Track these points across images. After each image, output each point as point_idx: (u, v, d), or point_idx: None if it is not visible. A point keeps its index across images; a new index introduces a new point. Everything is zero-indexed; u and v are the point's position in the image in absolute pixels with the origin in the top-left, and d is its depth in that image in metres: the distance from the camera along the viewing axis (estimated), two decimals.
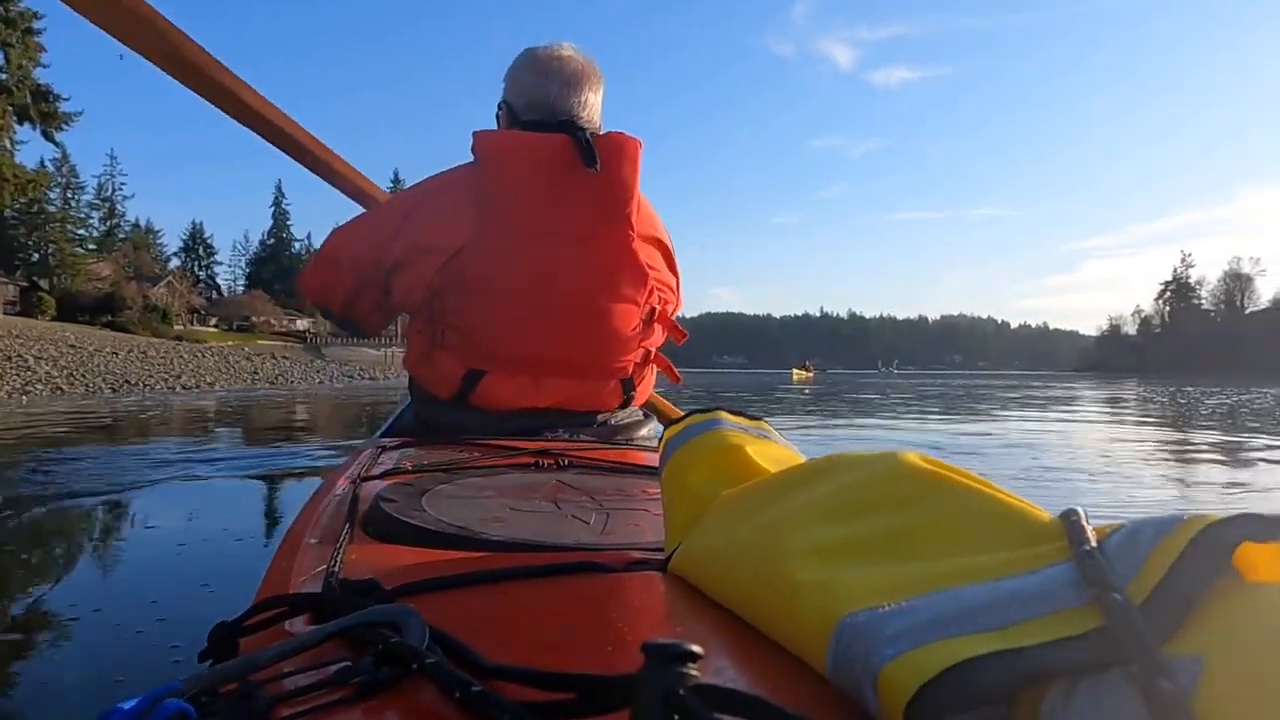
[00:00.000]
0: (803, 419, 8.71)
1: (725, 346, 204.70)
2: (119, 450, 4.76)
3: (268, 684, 0.34)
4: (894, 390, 17.90)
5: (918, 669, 0.28)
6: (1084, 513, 0.34)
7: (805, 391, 17.44)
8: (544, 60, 1.40)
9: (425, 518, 0.69)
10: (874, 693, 0.30)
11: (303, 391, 15.44)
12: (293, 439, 5.78)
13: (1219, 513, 0.29)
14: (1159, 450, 5.75)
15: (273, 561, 0.68)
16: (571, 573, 0.53)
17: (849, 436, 6.65)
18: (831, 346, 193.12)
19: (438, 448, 1.19)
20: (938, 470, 0.40)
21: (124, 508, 2.64)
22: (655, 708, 0.26)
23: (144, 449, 4.75)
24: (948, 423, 8.55)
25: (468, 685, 0.32)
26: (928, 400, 13.77)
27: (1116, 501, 3.20)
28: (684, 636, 0.41)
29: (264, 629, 0.45)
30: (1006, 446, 5.80)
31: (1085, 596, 0.29)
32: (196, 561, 2.05)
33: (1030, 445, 5.83)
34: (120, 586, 1.92)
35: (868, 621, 0.32)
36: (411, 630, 0.37)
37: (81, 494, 2.92)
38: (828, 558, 0.37)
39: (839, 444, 5.46)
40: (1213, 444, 6.22)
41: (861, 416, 9.26)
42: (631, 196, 1.33)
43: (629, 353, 1.43)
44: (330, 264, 1.46)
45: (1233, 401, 13.69)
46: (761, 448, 0.58)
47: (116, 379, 12.05)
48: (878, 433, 7.15)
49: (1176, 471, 4.56)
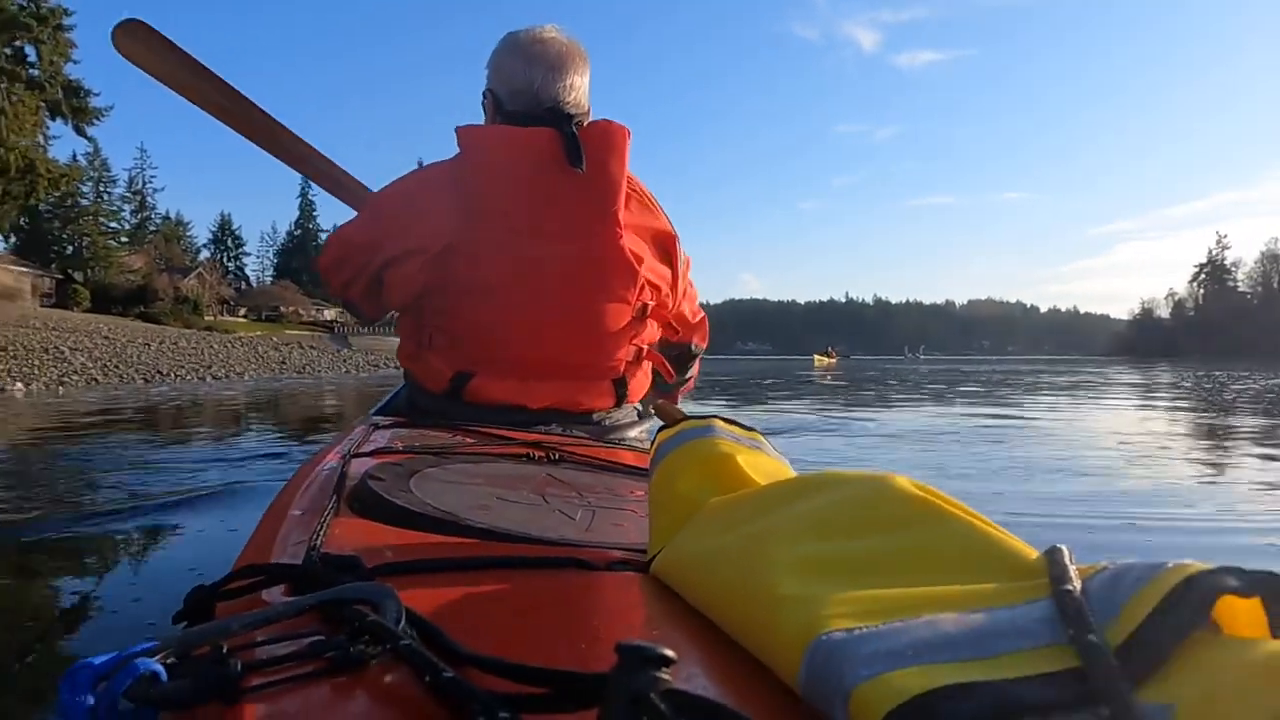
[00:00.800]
0: (822, 404, 8.31)
1: (749, 334, 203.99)
2: (145, 440, 4.75)
3: (240, 651, 0.34)
4: (919, 378, 16.96)
5: (890, 692, 0.28)
6: (1069, 551, 0.34)
7: (826, 379, 16.76)
8: (526, 44, 1.36)
9: (411, 499, 0.69)
10: (845, 712, 0.30)
11: (330, 380, 15.47)
12: (319, 429, 5.73)
13: (1202, 564, 0.29)
14: (1197, 437, 5.44)
15: (255, 531, 0.68)
16: (553, 567, 0.53)
17: (893, 429, 5.86)
18: (857, 332, 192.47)
19: (429, 431, 1.18)
20: (927, 497, 0.40)
21: (147, 498, 2.63)
22: (624, 709, 0.26)
23: (172, 440, 4.73)
24: (981, 406, 7.96)
25: (439, 670, 0.32)
26: (960, 386, 13.03)
27: (1149, 493, 3.04)
28: (659, 640, 0.41)
29: (241, 596, 0.45)
30: (1040, 432, 5.49)
31: (1062, 635, 0.29)
32: (201, 544, 2.03)
33: (1060, 433, 5.47)
34: (119, 567, 1.91)
35: (844, 641, 0.32)
36: (388, 610, 0.37)
37: (106, 486, 2.90)
38: (810, 574, 0.38)
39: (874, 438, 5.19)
40: (1254, 430, 5.80)
41: (889, 406, 8.57)
42: (619, 191, 1.30)
43: (619, 352, 1.41)
44: (343, 246, 1.46)
45: (1262, 386, 12.86)
46: (753, 459, 0.58)
47: (149, 370, 12.20)
48: (906, 415, 6.61)
49: (1210, 459, 4.39)
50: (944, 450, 4.46)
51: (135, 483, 2.92)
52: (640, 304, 1.40)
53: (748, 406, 8.31)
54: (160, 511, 2.34)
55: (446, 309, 1.34)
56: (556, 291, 1.32)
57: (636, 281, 1.36)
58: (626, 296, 1.36)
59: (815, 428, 5.74)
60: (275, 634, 0.37)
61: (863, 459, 4.13)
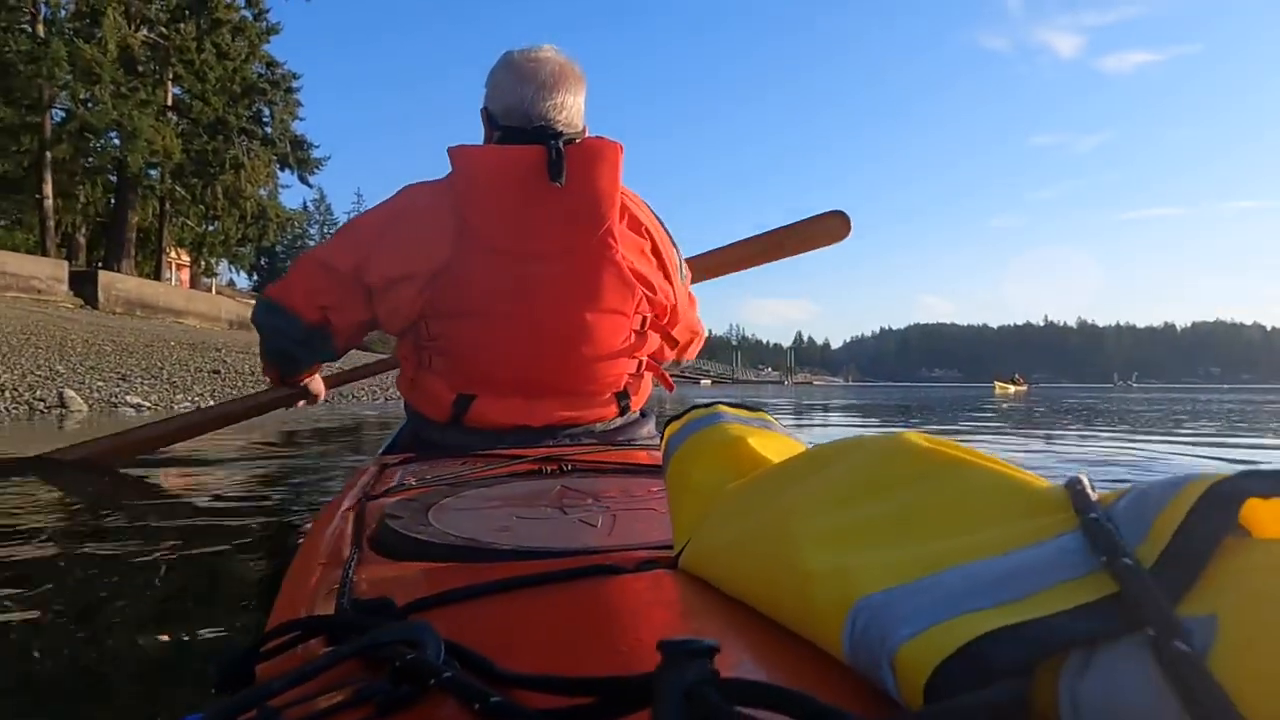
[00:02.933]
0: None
1: (935, 359, 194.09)
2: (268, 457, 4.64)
3: (285, 710, 0.34)
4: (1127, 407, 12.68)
5: (934, 647, 0.28)
6: (1088, 480, 0.34)
7: (1003, 405, 14.27)
8: (519, 64, 1.37)
9: (432, 532, 0.69)
10: (892, 673, 0.30)
11: None
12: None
13: (1222, 473, 0.29)
14: None
15: (284, 586, 0.68)
16: (581, 577, 0.53)
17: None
18: (1058, 359, 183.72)
19: (440, 462, 1.18)
20: (940, 448, 0.40)
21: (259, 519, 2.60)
22: (676, 705, 0.26)
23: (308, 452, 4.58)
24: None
25: (487, 696, 0.32)
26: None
27: None
28: (699, 632, 0.41)
29: (279, 654, 0.45)
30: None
31: (1095, 563, 0.29)
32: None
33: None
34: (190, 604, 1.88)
35: (881, 603, 0.32)
36: (427, 645, 0.37)
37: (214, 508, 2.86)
38: (837, 543, 0.38)
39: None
40: None
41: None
42: (611, 205, 1.29)
43: (621, 365, 1.41)
44: (322, 268, 1.39)
45: None
46: (764, 439, 0.58)
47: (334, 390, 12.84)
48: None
49: None
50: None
51: None
52: (640, 316, 1.40)
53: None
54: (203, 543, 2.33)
55: (444, 331, 1.34)
56: (553, 309, 1.31)
57: (635, 295, 1.36)
58: (625, 310, 1.36)
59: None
60: (319, 688, 0.36)
61: None
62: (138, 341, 13.46)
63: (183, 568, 2.38)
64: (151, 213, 24.64)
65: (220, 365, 12.80)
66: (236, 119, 23.69)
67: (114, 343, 12.75)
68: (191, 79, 22.79)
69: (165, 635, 1.68)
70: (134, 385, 9.75)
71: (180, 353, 13.33)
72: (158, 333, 15.90)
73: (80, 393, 8.22)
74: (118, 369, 10.52)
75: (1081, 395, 28.95)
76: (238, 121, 23.74)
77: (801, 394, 28.97)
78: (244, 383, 11.63)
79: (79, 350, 11.25)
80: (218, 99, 23.12)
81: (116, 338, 13.36)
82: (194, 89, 22.97)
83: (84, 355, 10.94)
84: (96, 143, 21.04)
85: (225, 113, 23.32)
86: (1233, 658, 0.24)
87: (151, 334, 15.27)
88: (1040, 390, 39.98)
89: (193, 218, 25.16)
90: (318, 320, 1.43)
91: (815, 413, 12.19)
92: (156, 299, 21.44)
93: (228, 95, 23.48)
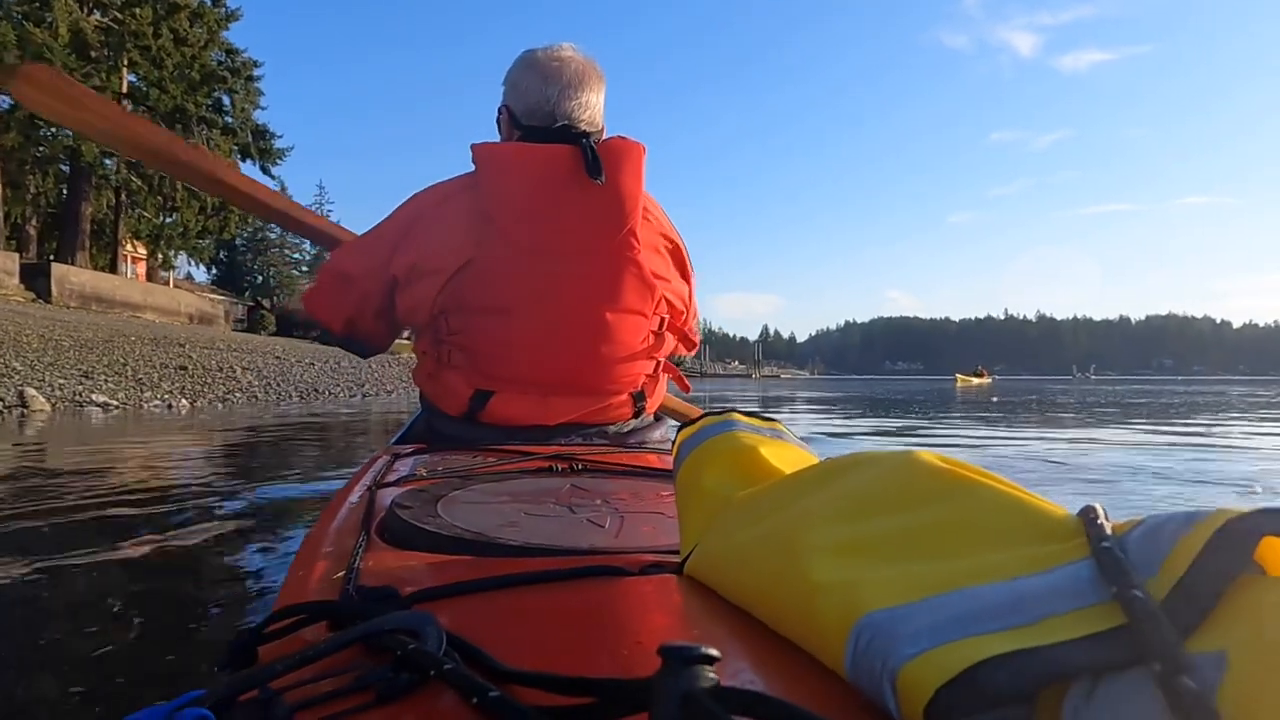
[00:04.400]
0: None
1: (898, 352, 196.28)
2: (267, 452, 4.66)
3: (286, 691, 0.35)
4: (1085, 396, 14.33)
5: (937, 668, 0.28)
6: (1103, 509, 0.34)
7: (959, 400, 15.07)
8: (542, 62, 1.38)
9: (440, 524, 0.69)
10: (893, 693, 0.30)
11: None
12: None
13: (1240, 508, 0.29)
14: None
15: (290, 569, 0.69)
16: (587, 577, 0.53)
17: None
18: (1018, 351, 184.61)
19: (451, 454, 1.19)
20: (954, 468, 0.40)
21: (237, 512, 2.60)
22: (673, 710, 0.26)
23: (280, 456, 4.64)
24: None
25: (485, 690, 0.32)
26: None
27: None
28: (700, 639, 0.41)
29: (283, 637, 0.45)
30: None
31: (1105, 593, 0.29)
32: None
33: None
34: (179, 591, 1.90)
35: (886, 621, 0.32)
36: (429, 636, 0.37)
37: (184, 498, 2.87)
38: (844, 557, 0.37)
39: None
40: None
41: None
42: (635, 206, 1.30)
43: (639, 366, 1.42)
44: (339, 280, 1.44)
45: None
46: (776, 449, 0.57)
47: (307, 388, 12.90)
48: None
49: None
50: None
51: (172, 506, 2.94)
52: (658, 317, 1.41)
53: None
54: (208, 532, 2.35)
55: (465, 327, 1.34)
56: (574, 308, 1.32)
57: (655, 296, 1.36)
58: (645, 311, 1.37)
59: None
60: (320, 672, 0.37)
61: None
62: (97, 337, 13.27)
63: (185, 553, 2.41)
64: (106, 204, 24.05)
65: (186, 361, 12.57)
66: (195, 107, 23.14)
67: (72, 338, 12.52)
68: (148, 66, 22.15)
69: (170, 618, 1.70)
70: (98, 383, 9.54)
71: (143, 348, 13.10)
72: (117, 327, 15.58)
73: (42, 391, 7.99)
74: (78, 365, 10.37)
75: (1046, 388, 29.33)
76: (197, 110, 23.20)
77: (769, 387, 28.61)
78: (212, 379, 11.64)
79: (35, 346, 11.05)
80: (176, 86, 22.54)
81: (74, 333, 13.14)
82: (151, 76, 22.33)
83: (40, 351, 10.77)
84: (48, 131, 20.31)
85: (184, 101, 22.74)
86: (1240, 696, 0.23)
87: (110, 329, 15.01)
88: (1002, 383, 39.32)
89: (150, 209, 24.61)
90: (344, 331, 1.49)
91: (783, 405, 12.23)
92: (113, 292, 21.05)
93: (186, 83, 22.86)
